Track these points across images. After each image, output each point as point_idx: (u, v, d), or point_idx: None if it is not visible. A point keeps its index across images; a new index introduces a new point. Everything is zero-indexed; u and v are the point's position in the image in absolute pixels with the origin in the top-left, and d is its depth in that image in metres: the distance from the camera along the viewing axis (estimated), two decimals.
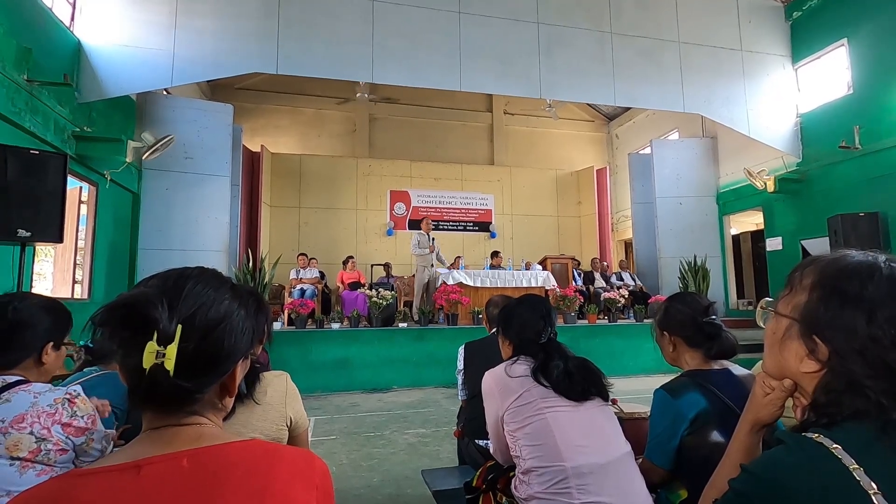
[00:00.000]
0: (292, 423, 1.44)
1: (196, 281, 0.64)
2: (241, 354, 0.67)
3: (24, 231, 3.90)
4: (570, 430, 1.38)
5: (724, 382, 1.37)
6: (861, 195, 6.96)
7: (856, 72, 7.32)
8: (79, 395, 1.30)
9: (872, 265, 0.67)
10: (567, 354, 1.55)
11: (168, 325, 0.59)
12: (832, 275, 0.69)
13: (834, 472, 0.57)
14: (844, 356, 0.64)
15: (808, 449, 0.61)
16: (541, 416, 1.41)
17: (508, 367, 1.55)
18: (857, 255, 0.70)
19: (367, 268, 10.12)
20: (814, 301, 0.68)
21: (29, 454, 1.18)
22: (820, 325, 0.67)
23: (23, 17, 4.85)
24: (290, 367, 1.77)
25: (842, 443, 0.59)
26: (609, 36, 7.62)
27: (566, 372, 1.48)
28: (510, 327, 1.71)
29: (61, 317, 1.39)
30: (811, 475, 0.58)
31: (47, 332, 1.35)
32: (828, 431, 0.61)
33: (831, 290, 0.67)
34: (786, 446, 0.63)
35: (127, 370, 0.60)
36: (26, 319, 1.31)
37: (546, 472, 1.32)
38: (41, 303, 1.36)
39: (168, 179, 7.07)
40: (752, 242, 10.69)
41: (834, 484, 0.57)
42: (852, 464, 0.57)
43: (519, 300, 1.81)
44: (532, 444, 1.38)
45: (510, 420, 1.45)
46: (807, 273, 0.72)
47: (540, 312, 1.66)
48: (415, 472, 3.04)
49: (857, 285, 0.66)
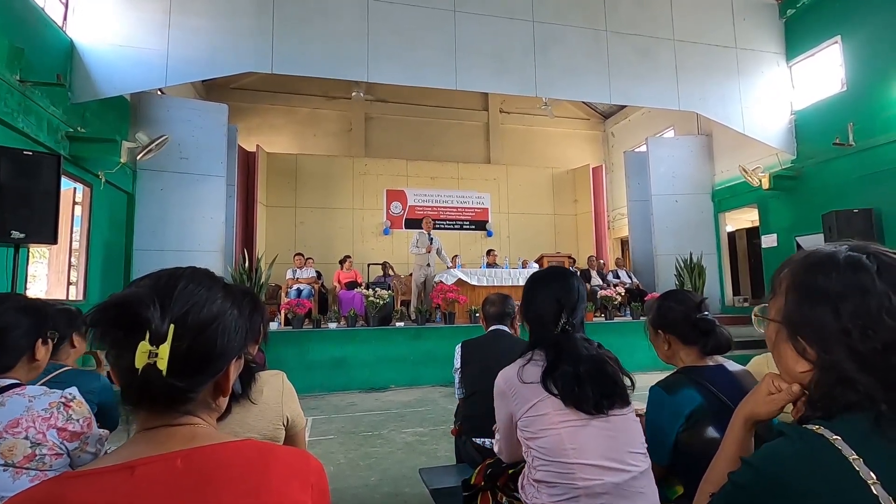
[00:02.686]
0: (289, 422, 1.44)
1: (188, 280, 0.64)
2: (234, 354, 0.67)
3: (17, 232, 3.87)
4: (587, 449, 1.25)
5: (720, 379, 1.38)
6: (855, 192, 7.00)
7: (849, 69, 7.36)
8: (74, 399, 1.28)
9: (832, 257, 0.68)
10: (579, 354, 1.34)
11: (160, 325, 0.59)
12: (800, 274, 0.70)
13: (834, 463, 0.58)
14: (828, 352, 0.65)
15: (808, 440, 0.61)
16: (555, 431, 1.27)
17: (521, 370, 1.36)
18: (823, 250, 0.70)
19: (364, 267, 10.11)
20: (791, 303, 0.70)
21: (23, 459, 1.17)
22: (800, 326, 0.68)
23: (15, 17, 4.82)
24: (288, 367, 1.75)
25: (841, 434, 0.60)
26: (604, 34, 7.63)
27: (576, 378, 1.29)
28: (528, 309, 1.48)
29: (39, 313, 1.38)
30: (811, 466, 0.59)
31: (32, 331, 1.34)
32: (828, 423, 0.62)
33: (801, 289, 0.69)
34: (786, 438, 0.64)
35: (119, 370, 0.60)
36: (2, 326, 1.29)
37: (558, 486, 1.25)
38: (14, 305, 1.34)
39: (163, 180, 7.04)
40: (747, 239, 10.75)
41: (834, 474, 0.57)
42: (852, 454, 0.57)
43: (542, 273, 1.55)
44: (545, 458, 1.27)
45: (523, 427, 1.33)
46: (784, 275, 0.73)
47: (556, 293, 1.41)
48: (412, 471, 3.03)
49: (822, 281, 0.66)
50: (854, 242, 0.69)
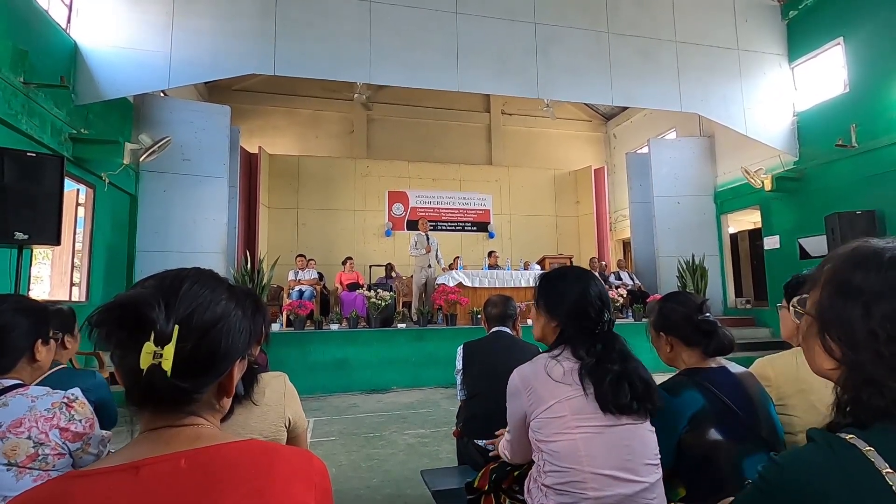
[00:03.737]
0: (291, 423, 1.44)
1: (193, 281, 0.65)
2: (238, 355, 0.67)
3: (21, 233, 3.89)
4: (601, 457, 1.22)
5: (722, 381, 1.38)
6: (858, 193, 6.98)
7: (852, 70, 7.34)
8: (76, 399, 1.29)
9: (878, 254, 0.63)
10: (627, 354, 1.31)
11: (165, 326, 0.59)
12: (840, 267, 0.66)
13: (865, 475, 0.55)
14: (854, 352, 0.62)
15: (838, 450, 0.58)
16: (570, 436, 1.23)
17: (549, 366, 1.30)
18: (870, 244, 0.66)
19: (366, 268, 10.11)
20: (825, 297, 0.66)
21: (26, 459, 1.17)
22: (829, 322, 0.65)
23: (19, 19, 4.84)
24: (289, 369, 1.75)
25: (875, 445, 0.57)
26: (606, 35, 7.63)
27: (618, 378, 1.25)
28: (559, 302, 1.38)
29: (38, 313, 1.39)
30: (841, 476, 0.56)
31: (32, 332, 1.35)
32: (861, 432, 0.59)
33: (836, 283, 0.65)
34: (816, 444, 0.61)
35: (124, 371, 0.60)
36: (2, 327, 1.30)
37: (567, 494, 1.22)
38: (12, 306, 1.35)
39: (165, 181, 7.06)
40: (749, 241, 10.72)
41: (864, 487, 0.55)
42: (885, 468, 0.55)
43: (567, 270, 1.49)
44: (556, 464, 1.23)
45: (536, 429, 1.29)
46: (826, 268, 0.69)
47: (593, 289, 1.36)
48: (414, 473, 3.03)
49: (859, 277, 0.62)
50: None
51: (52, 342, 1.42)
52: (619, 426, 1.24)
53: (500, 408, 1.46)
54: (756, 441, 1.30)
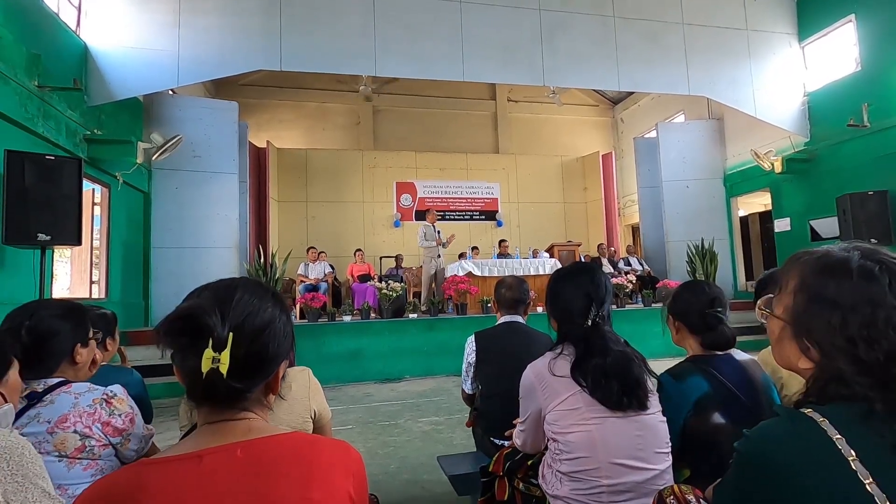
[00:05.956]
0: (316, 415, 1.51)
1: (243, 291, 0.72)
2: (283, 357, 0.75)
3: (43, 235, 4.01)
4: (615, 447, 1.26)
5: (727, 367, 1.44)
6: (870, 174, 6.90)
7: (864, 48, 7.21)
8: (115, 396, 1.36)
9: (845, 263, 0.69)
10: (608, 347, 1.34)
11: (221, 333, 0.66)
12: (811, 276, 0.72)
13: (817, 441, 0.62)
14: (831, 356, 0.68)
15: (796, 421, 0.66)
16: (586, 427, 1.28)
17: (553, 363, 1.37)
18: (835, 253, 0.72)
19: (376, 259, 10.20)
20: (799, 305, 0.72)
21: (75, 451, 1.26)
22: (806, 329, 0.71)
23: (30, 24, 4.92)
24: (304, 360, 1.82)
25: (829, 417, 0.64)
26: (612, 20, 7.55)
27: (604, 373, 1.30)
28: (553, 303, 1.49)
29: (78, 318, 1.45)
30: (797, 444, 0.64)
31: (71, 337, 1.41)
32: (819, 408, 0.66)
33: (810, 293, 0.71)
34: (779, 418, 0.69)
35: (184, 371, 0.68)
36: (44, 332, 1.36)
37: (581, 481, 1.27)
38: (53, 312, 1.41)
39: (177, 178, 7.17)
40: (760, 224, 10.65)
41: (816, 451, 0.62)
42: (836, 434, 0.62)
43: (567, 269, 1.54)
44: (572, 454, 1.28)
45: (552, 421, 1.33)
46: (792, 274, 0.75)
47: (584, 287, 1.41)
48: (430, 458, 3.12)
49: (833, 288, 0.68)
50: (865, 247, 0.71)
51: (92, 343, 1.50)
52: (630, 417, 1.29)
53: (518, 408, 1.51)
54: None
